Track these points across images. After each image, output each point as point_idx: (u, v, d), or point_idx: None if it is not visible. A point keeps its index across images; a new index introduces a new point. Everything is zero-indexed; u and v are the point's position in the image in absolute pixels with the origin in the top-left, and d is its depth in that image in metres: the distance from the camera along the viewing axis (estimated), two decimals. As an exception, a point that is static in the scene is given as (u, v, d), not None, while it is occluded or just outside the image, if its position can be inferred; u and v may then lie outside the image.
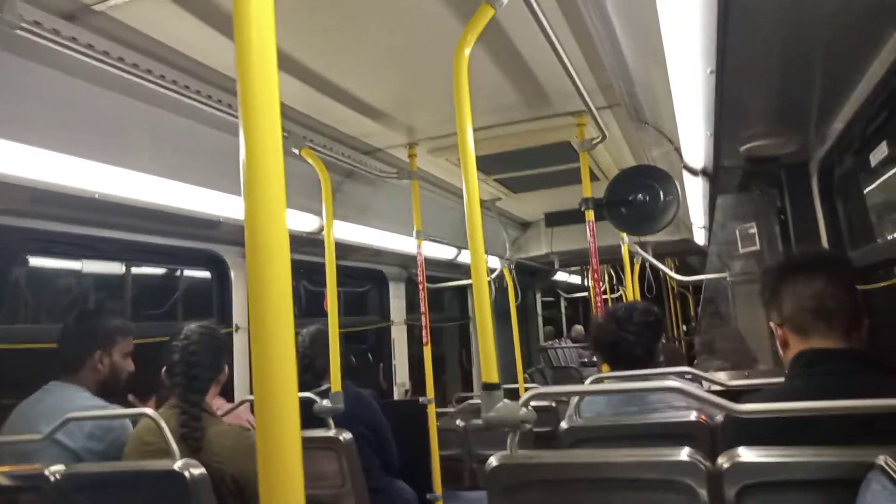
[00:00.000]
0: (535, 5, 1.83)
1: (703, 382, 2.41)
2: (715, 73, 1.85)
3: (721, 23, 1.56)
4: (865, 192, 2.63)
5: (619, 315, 2.32)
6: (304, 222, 3.38)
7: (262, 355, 0.69)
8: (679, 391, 1.45)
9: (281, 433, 0.67)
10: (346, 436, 2.47)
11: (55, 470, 1.87)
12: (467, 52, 1.64)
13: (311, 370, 2.90)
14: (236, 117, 2.25)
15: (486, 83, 2.72)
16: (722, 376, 2.77)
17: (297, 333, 3.07)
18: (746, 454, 1.28)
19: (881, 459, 1.10)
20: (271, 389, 0.68)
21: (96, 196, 2.38)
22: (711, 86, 1.96)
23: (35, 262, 3.04)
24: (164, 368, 2.27)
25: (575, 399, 2.14)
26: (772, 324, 1.64)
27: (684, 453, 1.33)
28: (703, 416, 1.97)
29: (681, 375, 2.31)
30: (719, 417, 1.88)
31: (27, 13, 1.73)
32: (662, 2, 1.59)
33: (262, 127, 0.72)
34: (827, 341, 1.51)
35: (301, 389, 2.66)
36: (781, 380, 1.68)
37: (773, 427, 1.41)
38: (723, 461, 1.29)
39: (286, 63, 2.34)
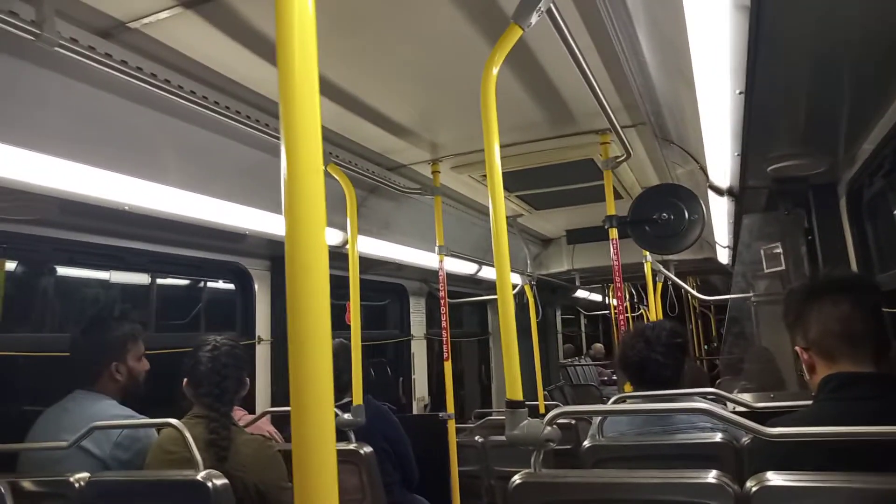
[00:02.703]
0: (562, 25, 1.84)
1: (728, 403, 2.38)
2: (744, 94, 1.85)
3: (751, 43, 1.55)
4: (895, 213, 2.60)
5: (648, 335, 2.31)
6: (328, 236, 3.40)
7: (300, 369, 0.70)
8: (707, 413, 1.43)
9: (318, 447, 0.68)
10: (367, 449, 2.47)
11: (80, 477, 1.89)
12: (495, 70, 1.66)
13: (335, 383, 2.91)
14: (265, 133, 2.29)
15: (512, 101, 2.73)
16: (747, 397, 2.74)
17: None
18: (775, 478, 1.27)
19: (913, 487, 1.08)
20: (308, 404, 0.69)
21: (126, 208, 2.42)
22: (740, 106, 1.95)
23: (63, 271, 3.09)
24: (185, 379, 2.30)
25: (598, 418, 2.12)
26: (797, 348, 1.62)
27: (711, 476, 1.31)
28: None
29: (704, 396, 2.29)
30: (745, 439, 1.86)
31: (64, 30, 1.77)
32: (692, 22, 1.59)
33: (303, 147, 0.73)
34: (855, 366, 1.49)
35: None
36: (807, 402, 1.65)
37: (800, 451, 1.39)
38: (752, 484, 1.28)
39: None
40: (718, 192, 3.30)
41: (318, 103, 0.77)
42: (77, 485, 1.88)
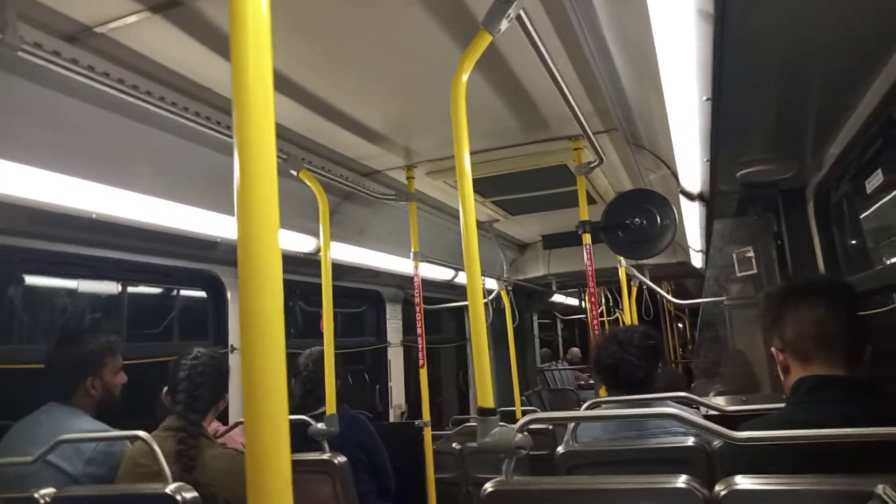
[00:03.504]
0: (532, 32, 1.85)
1: (701, 407, 2.40)
2: (711, 100, 1.87)
3: (717, 50, 1.57)
4: (861, 217, 2.64)
5: (621, 337, 2.33)
6: (301, 243, 3.38)
7: (253, 377, 0.68)
8: (676, 418, 1.44)
9: (271, 457, 0.66)
10: (341, 459, 2.45)
11: (45, 493, 1.84)
12: (465, 77, 1.66)
13: (313, 393, 2.88)
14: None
15: (484, 107, 2.74)
16: (720, 401, 2.76)
17: (297, 355, 3.06)
18: (744, 482, 1.27)
19: (879, 489, 1.10)
20: (262, 412, 0.68)
21: (94, 216, 2.38)
22: (708, 112, 1.98)
23: (31, 280, 3.03)
24: (164, 389, 2.26)
25: (572, 424, 2.12)
26: (773, 349, 1.63)
27: (681, 480, 1.32)
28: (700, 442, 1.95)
29: (677, 400, 2.30)
30: (716, 443, 1.87)
31: (28, 35, 1.74)
32: (658, 29, 1.61)
33: (256, 149, 0.72)
34: (828, 368, 1.50)
35: (302, 412, 2.64)
36: (780, 405, 1.67)
37: (772, 454, 1.40)
38: (720, 489, 1.28)
39: (286, 86, 2.35)
40: (690, 197, 3.33)
41: (272, 101, 0.75)
42: (42, 501, 1.83)
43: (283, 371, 0.70)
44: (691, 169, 2.78)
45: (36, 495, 1.83)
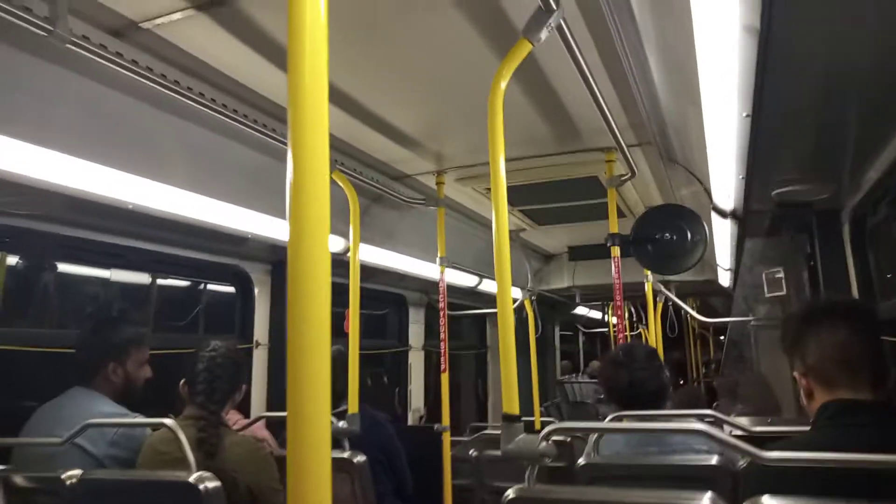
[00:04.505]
0: (571, 42, 1.85)
1: (725, 426, 2.36)
2: (751, 117, 1.85)
3: (760, 67, 1.56)
4: (898, 242, 2.60)
5: (621, 359, 2.37)
6: (331, 243, 3.40)
7: (299, 376, 0.70)
8: (704, 434, 1.42)
9: (313, 455, 0.67)
10: (361, 458, 2.46)
11: (71, 475, 1.88)
12: (503, 85, 1.66)
13: (331, 391, 2.89)
14: (272, 138, 2.29)
15: (518, 115, 2.74)
16: (744, 421, 2.72)
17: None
18: (771, 502, 1.25)
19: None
20: (305, 411, 0.69)
21: (130, 207, 2.43)
22: (746, 129, 1.96)
23: (64, 268, 3.09)
24: (182, 380, 2.30)
25: (594, 436, 2.11)
26: (795, 373, 1.61)
27: (707, 498, 1.30)
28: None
29: (702, 418, 2.28)
30: (741, 463, 1.84)
31: (77, 28, 1.78)
32: (701, 43, 1.60)
33: (310, 157, 0.73)
34: (854, 392, 1.48)
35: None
36: (805, 428, 1.64)
37: (797, 477, 1.38)
38: (746, 509, 1.27)
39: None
40: (722, 214, 3.30)
41: (327, 111, 0.77)
42: (68, 482, 1.87)
43: (328, 371, 0.72)
44: (725, 186, 2.75)
45: (63, 477, 1.86)
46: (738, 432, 2.20)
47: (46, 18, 1.66)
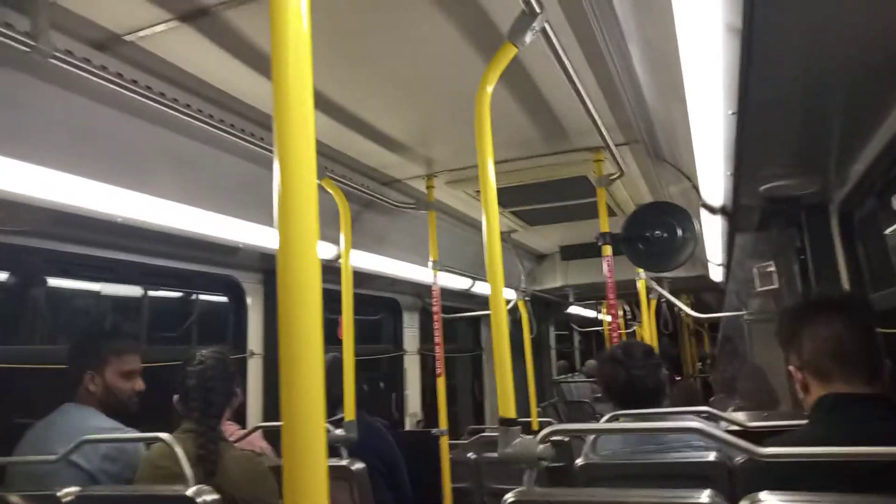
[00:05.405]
0: (556, 44, 1.85)
1: (721, 422, 2.37)
2: (736, 114, 1.86)
3: (743, 64, 1.57)
4: (886, 233, 2.61)
5: (620, 356, 2.37)
6: (321, 250, 3.39)
7: (292, 385, 0.69)
8: (701, 432, 1.43)
9: (308, 465, 0.67)
10: (359, 466, 2.45)
11: (68, 492, 1.86)
12: (489, 88, 1.67)
13: (327, 398, 2.88)
14: (260, 147, 2.28)
15: (506, 118, 2.75)
16: (740, 417, 2.73)
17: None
18: (769, 498, 1.26)
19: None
20: (299, 419, 0.69)
21: (118, 220, 2.41)
22: (732, 126, 1.97)
23: (54, 283, 3.07)
24: (176, 396, 2.27)
25: (591, 436, 2.11)
26: (791, 367, 1.61)
27: (705, 495, 1.31)
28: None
29: (698, 415, 2.29)
30: (738, 459, 1.85)
31: (60, 42, 1.77)
32: (684, 43, 1.61)
33: (296, 164, 0.74)
34: (850, 386, 1.48)
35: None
36: (801, 422, 1.65)
37: (794, 472, 1.38)
38: (745, 505, 1.27)
39: (310, 95, 2.37)
40: (711, 210, 3.31)
41: (313, 118, 0.77)
42: (65, 500, 1.85)
43: (321, 379, 0.71)
44: (713, 182, 2.76)
45: (59, 494, 1.85)
46: (735, 428, 2.21)
47: (28, 34, 1.65)
